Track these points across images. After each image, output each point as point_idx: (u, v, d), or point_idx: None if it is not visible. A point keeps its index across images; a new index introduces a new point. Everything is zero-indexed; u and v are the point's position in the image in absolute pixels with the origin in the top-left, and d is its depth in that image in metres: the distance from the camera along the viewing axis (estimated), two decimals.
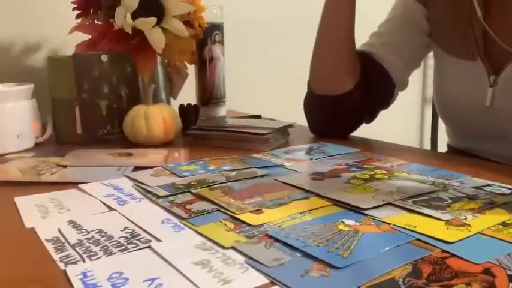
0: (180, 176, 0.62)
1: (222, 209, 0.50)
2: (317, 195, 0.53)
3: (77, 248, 0.42)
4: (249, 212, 0.49)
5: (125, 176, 0.63)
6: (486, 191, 0.54)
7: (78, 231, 0.46)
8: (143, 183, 0.59)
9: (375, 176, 0.60)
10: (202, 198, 0.53)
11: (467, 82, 0.78)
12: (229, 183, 0.58)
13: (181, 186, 0.57)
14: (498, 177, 0.58)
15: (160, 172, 0.64)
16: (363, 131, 0.89)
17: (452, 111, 0.84)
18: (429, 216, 0.46)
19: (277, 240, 0.42)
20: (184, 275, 0.37)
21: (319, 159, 0.70)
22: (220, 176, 0.61)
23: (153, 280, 0.36)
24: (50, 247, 0.43)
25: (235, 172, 0.63)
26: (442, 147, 0.94)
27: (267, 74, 1.43)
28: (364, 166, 0.65)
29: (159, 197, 0.54)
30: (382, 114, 0.89)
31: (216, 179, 0.60)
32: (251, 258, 0.39)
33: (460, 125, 0.86)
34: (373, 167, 0.65)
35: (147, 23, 0.82)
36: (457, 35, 0.79)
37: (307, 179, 0.60)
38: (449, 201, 0.50)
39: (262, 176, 0.62)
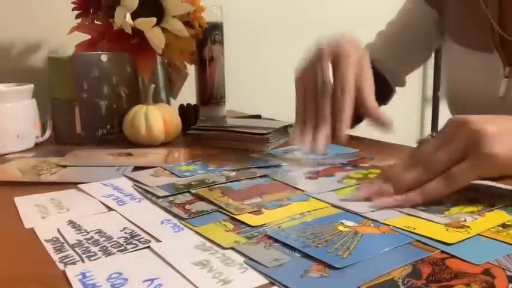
0: (179, 176, 0.62)
1: (221, 210, 0.50)
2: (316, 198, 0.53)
3: (76, 248, 0.42)
4: (248, 212, 0.49)
5: (125, 176, 0.63)
6: (486, 192, 0.53)
7: (77, 232, 0.46)
8: (143, 183, 0.59)
9: (369, 176, 0.60)
10: (201, 198, 0.53)
11: (482, 73, 0.78)
12: (228, 183, 0.58)
13: (181, 187, 0.57)
14: (498, 178, 0.58)
15: (160, 172, 0.64)
16: (363, 131, 0.89)
17: (464, 105, 0.84)
18: (427, 221, 0.46)
19: (276, 240, 0.42)
20: (183, 276, 0.37)
21: (317, 159, 0.70)
22: (220, 176, 0.61)
23: (152, 280, 0.36)
24: (49, 247, 0.43)
25: (235, 172, 0.63)
26: None
27: (267, 74, 1.43)
28: (359, 165, 0.65)
29: (158, 197, 0.54)
30: None
31: (216, 179, 0.60)
32: (250, 259, 0.39)
33: None
34: (368, 165, 0.65)
35: (147, 23, 0.82)
36: (472, 26, 0.79)
37: (302, 177, 0.60)
38: (448, 204, 0.50)
39: (261, 176, 0.62)
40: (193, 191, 0.55)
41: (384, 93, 0.90)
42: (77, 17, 0.93)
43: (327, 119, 0.62)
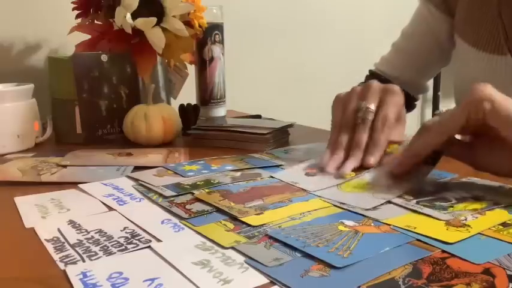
0: (183, 176, 0.61)
1: (223, 212, 0.50)
2: (318, 196, 0.53)
3: (77, 248, 0.42)
4: (252, 215, 0.48)
5: (129, 176, 0.63)
6: (494, 191, 0.53)
7: (78, 231, 0.46)
8: (148, 183, 0.59)
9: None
10: (202, 201, 0.53)
11: (495, 76, 0.78)
12: (227, 186, 0.58)
13: (187, 187, 0.57)
14: (499, 178, 0.58)
15: (163, 172, 0.64)
16: None
17: None
18: (429, 216, 0.46)
19: (277, 240, 0.42)
20: (184, 275, 0.37)
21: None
22: (225, 176, 0.61)
23: (153, 280, 0.36)
24: (49, 247, 0.43)
25: (240, 173, 0.63)
26: None
27: (267, 74, 1.43)
28: None
29: (165, 197, 0.54)
30: None
31: (222, 179, 0.60)
32: (251, 258, 0.39)
33: None
34: None
35: (147, 23, 0.82)
36: (485, 28, 0.78)
37: (301, 174, 0.60)
38: (453, 201, 0.50)
39: (264, 177, 0.61)
40: (194, 192, 0.55)
41: (409, 103, 0.94)
42: (77, 17, 0.93)
43: (361, 148, 0.61)
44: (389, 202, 0.51)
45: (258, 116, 0.99)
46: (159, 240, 0.44)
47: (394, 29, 0.96)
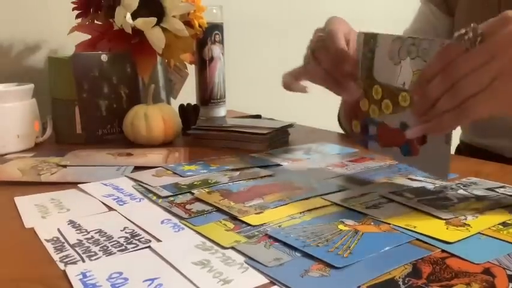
0: (182, 176, 0.61)
1: (223, 212, 0.50)
2: (318, 195, 0.53)
3: (77, 248, 0.42)
4: (252, 214, 0.49)
5: (128, 176, 0.63)
6: (497, 192, 0.53)
7: (77, 231, 0.46)
8: (146, 184, 0.59)
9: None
10: (202, 201, 0.53)
11: None
12: (226, 185, 0.58)
13: (184, 187, 0.57)
14: (499, 178, 0.58)
15: (162, 172, 0.64)
16: None
17: None
18: (429, 214, 0.46)
19: (276, 240, 0.42)
20: (184, 275, 0.37)
21: (316, 159, 0.70)
22: (223, 176, 0.61)
23: (152, 280, 0.36)
24: (49, 247, 0.43)
25: (238, 172, 0.63)
26: None
27: (267, 74, 1.43)
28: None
29: (160, 197, 0.54)
30: None
31: (219, 179, 0.60)
32: (251, 258, 0.39)
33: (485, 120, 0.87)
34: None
35: (147, 23, 0.82)
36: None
37: (311, 177, 0.60)
38: (455, 200, 0.50)
39: (264, 176, 0.61)
40: (193, 191, 0.55)
41: None
42: (77, 17, 0.92)
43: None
44: (390, 200, 0.51)
45: (258, 116, 0.99)
46: (159, 240, 0.44)
47: (394, 29, 0.96)
